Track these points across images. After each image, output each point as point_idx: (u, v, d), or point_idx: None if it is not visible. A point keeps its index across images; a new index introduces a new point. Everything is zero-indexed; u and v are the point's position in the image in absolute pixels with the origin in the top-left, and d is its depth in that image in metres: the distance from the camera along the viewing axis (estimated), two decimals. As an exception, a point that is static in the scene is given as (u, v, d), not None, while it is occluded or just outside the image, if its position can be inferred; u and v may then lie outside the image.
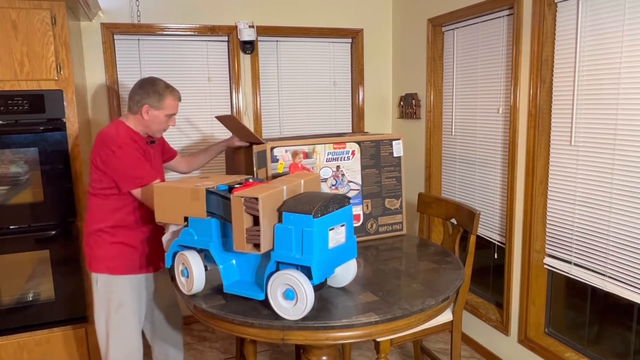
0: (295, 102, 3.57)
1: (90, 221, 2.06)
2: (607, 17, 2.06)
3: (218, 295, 1.65)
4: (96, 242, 2.05)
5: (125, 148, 1.93)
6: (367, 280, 1.77)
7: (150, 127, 2.06)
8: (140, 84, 2.03)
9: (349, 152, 2.24)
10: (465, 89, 2.99)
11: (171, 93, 2.04)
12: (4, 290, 2.48)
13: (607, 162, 2.12)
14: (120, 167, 1.93)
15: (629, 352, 2.19)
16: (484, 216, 2.89)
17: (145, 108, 2.01)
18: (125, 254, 2.05)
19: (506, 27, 2.61)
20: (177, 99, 2.08)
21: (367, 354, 2.92)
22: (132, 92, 2.04)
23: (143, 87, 2.02)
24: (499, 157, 2.74)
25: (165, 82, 2.06)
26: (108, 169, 1.95)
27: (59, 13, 2.38)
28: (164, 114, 2.04)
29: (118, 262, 2.05)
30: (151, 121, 2.04)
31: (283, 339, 1.47)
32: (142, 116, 2.02)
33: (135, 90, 2.03)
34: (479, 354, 2.93)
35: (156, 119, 2.04)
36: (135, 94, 2.02)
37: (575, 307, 2.46)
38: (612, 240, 2.13)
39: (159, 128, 2.08)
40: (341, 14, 3.52)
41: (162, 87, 2.02)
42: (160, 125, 2.07)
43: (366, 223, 2.29)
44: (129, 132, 2.03)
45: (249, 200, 1.44)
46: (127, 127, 2.04)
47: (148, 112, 2.02)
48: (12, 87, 2.36)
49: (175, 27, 3.13)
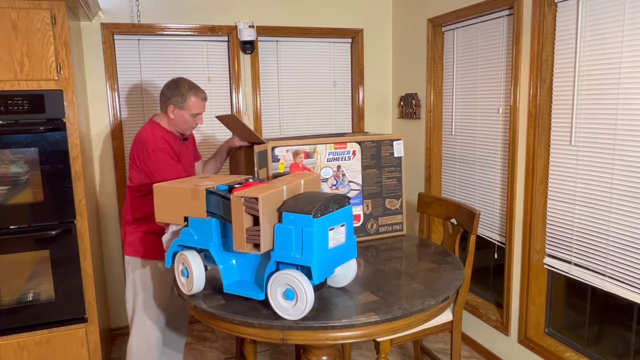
0: (295, 102, 3.56)
1: (128, 212, 2.25)
2: (607, 17, 2.06)
3: (218, 295, 1.65)
4: (132, 230, 2.24)
5: (158, 151, 2.09)
6: (367, 280, 1.77)
7: (178, 125, 2.19)
8: (167, 85, 2.16)
9: (350, 152, 2.24)
10: (465, 89, 2.99)
11: (195, 93, 2.15)
12: (4, 290, 2.48)
13: (607, 162, 2.12)
14: (156, 168, 2.09)
15: (629, 352, 2.19)
16: (484, 216, 2.89)
17: (170, 108, 2.14)
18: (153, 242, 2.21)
19: (506, 27, 2.61)
20: (202, 99, 2.17)
21: (367, 354, 2.92)
22: (161, 93, 2.18)
23: (169, 88, 2.15)
24: (499, 157, 2.74)
25: (190, 83, 2.17)
26: (146, 169, 2.11)
27: (59, 13, 2.37)
28: (188, 114, 2.15)
29: (146, 247, 2.22)
30: (178, 120, 2.17)
31: (283, 339, 1.47)
32: (169, 115, 2.16)
33: (162, 91, 2.17)
34: (479, 354, 2.93)
35: (182, 119, 2.16)
36: (163, 95, 2.16)
37: (575, 307, 2.46)
38: (612, 240, 2.13)
39: (186, 127, 2.20)
40: (341, 14, 3.52)
41: (185, 88, 2.14)
42: (187, 124, 2.19)
43: (366, 223, 2.29)
44: (163, 132, 2.17)
45: (249, 200, 1.44)
46: (161, 128, 2.18)
47: (174, 112, 2.15)
48: (12, 87, 2.36)
49: (175, 27, 3.13)
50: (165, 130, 2.20)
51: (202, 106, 2.19)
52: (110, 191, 3.14)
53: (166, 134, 2.19)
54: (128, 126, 3.16)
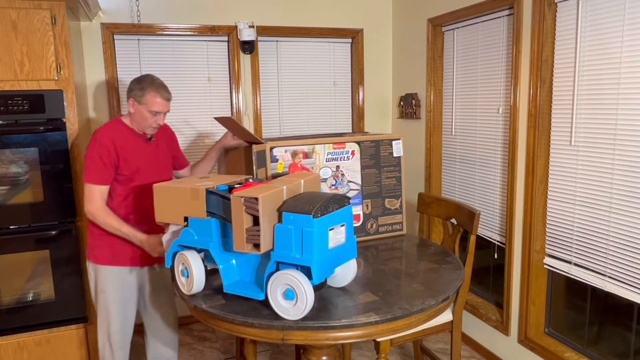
0: (295, 102, 3.56)
1: None
2: (607, 17, 2.06)
3: (218, 295, 1.65)
4: (91, 232, 2.13)
5: (94, 144, 2.00)
6: (367, 280, 1.77)
7: (139, 122, 2.07)
8: (133, 80, 2.09)
9: (349, 152, 2.24)
10: (465, 89, 2.99)
11: (155, 90, 2.02)
12: (4, 290, 2.48)
13: (607, 162, 2.12)
14: (85, 159, 2.02)
15: (629, 352, 2.19)
16: (484, 216, 2.89)
17: (130, 101, 2.05)
18: (109, 245, 2.09)
19: (506, 27, 2.61)
20: (163, 98, 2.04)
21: (367, 354, 2.92)
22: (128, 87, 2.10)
23: (134, 82, 2.07)
24: (499, 157, 2.74)
25: (154, 79, 2.06)
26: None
27: (59, 13, 2.37)
28: (147, 110, 2.03)
29: (102, 252, 2.10)
30: (137, 116, 2.06)
31: (283, 339, 1.47)
32: (130, 109, 2.06)
33: (129, 85, 2.09)
34: (479, 354, 2.93)
35: (141, 115, 2.04)
36: (128, 89, 2.08)
37: (575, 307, 2.46)
38: (612, 240, 2.13)
39: (145, 124, 2.06)
40: (341, 14, 3.52)
41: (147, 83, 2.03)
42: (144, 120, 2.05)
43: (366, 223, 2.29)
44: (119, 128, 2.07)
45: (248, 200, 1.44)
46: (120, 123, 2.09)
47: (133, 106, 2.05)
48: (12, 87, 2.36)
49: (175, 27, 3.13)
50: (124, 126, 2.08)
51: (163, 105, 2.04)
52: (110, 191, 3.14)
53: (120, 131, 2.06)
54: (128, 126, 3.16)
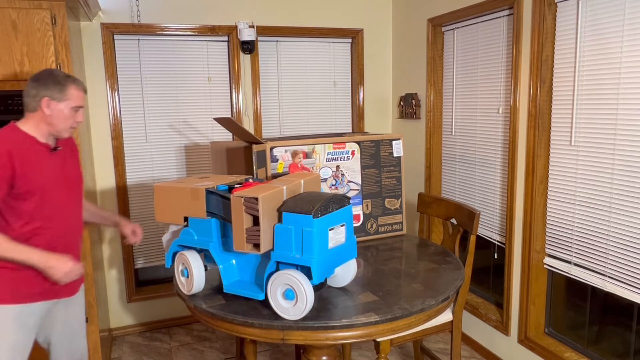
0: (295, 102, 3.56)
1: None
2: (607, 17, 2.06)
3: (218, 295, 1.65)
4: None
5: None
6: (367, 280, 1.77)
7: (55, 124, 1.75)
8: (35, 77, 1.74)
9: (349, 152, 2.24)
10: (465, 89, 2.99)
11: (74, 82, 1.78)
12: (3, 290, 2.47)
13: (607, 162, 2.12)
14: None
15: (629, 352, 2.19)
16: (484, 216, 2.89)
17: (44, 101, 1.72)
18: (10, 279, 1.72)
19: (506, 27, 2.61)
20: (82, 89, 1.81)
21: (367, 354, 2.92)
22: (27, 87, 1.74)
23: (39, 79, 1.73)
24: (499, 157, 2.74)
25: (64, 73, 1.80)
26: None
27: (59, 13, 2.37)
28: (68, 107, 1.75)
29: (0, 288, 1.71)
30: (55, 117, 1.74)
31: (283, 339, 1.47)
32: (44, 111, 1.73)
33: (30, 84, 1.73)
34: (479, 354, 2.93)
35: (60, 114, 1.74)
36: (31, 88, 1.73)
37: (575, 307, 2.46)
38: (612, 240, 2.13)
39: (64, 125, 1.77)
40: (341, 14, 3.52)
41: (62, 77, 1.76)
42: (66, 120, 1.76)
43: (366, 223, 2.29)
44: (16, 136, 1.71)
45: (248, 200, 1.44)
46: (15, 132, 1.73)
47: (49, 106, 1.72)
48: (12, 87, 2.36)
49: (175, 27, 3.13)
50: (23, 133, 1.72)
51: (83, 98, 1.81)
52: (110, 191, 3.14)
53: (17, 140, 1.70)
54: (128, 126, 3.16)
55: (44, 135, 1.77)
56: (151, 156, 3.24)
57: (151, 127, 3.22)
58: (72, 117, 1.78)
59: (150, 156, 3.24)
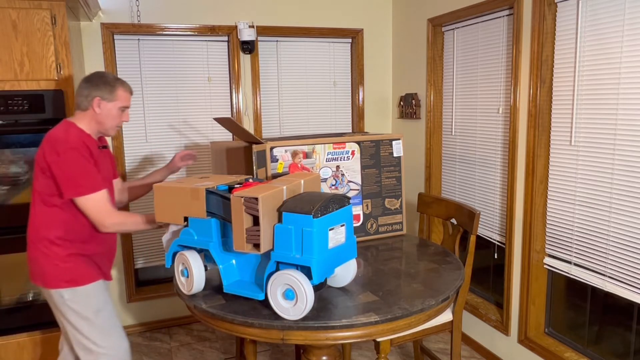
0: (295, 102, 3.57)
1: (36, 230, 1.89)
2: (607, 17, 2.06)
3: (218, 295, 1.65)
4: (46, 255, 1.88)
5: (72, 152, 1.80)
6: (367, 280, 1.77)
7: (104, 122, 1.93)
8: (87, 78, 1.92)
9: (349, 152, 2.24)
10: (465, 89, 2.99)
11: (122, 84, 1.95)
12: (4, 290, 2.48)
13: (607, 162, 2.12)
14: (66, 172, 1.79)
15: (629, 352, 2.19)
16: (484, 216, 2.89)
17: (96, 101, 1.89)
18: (83, 264, 1.93)
19: (506, 27, 2.61)
20: (129, 91, 1.98)
21: (367, 354, 2.92)
22: (80, 88, 1.91)
23: (91, 80, 1.91)
24: (499, 157, 2.74)
25: (113, 75, 1.98)
26: (54, 174, 1.81)
27: (59, 13, 2.37)
28: (117, 107, 1.93)
29: (79, 272, 1.91)
30: (104, 115, 1.92)
31: (283, 339, 1.47)
32: (94, 110, 1.90)
33: (82, 85, 1.91)
34: (479, 354, 2.93)
35: (109, 113, 1.92)
36: (84, 89, 1.90)
37: (575, 307, 2.46)
38: (612, 240, 2.13)
39: (112, 123, 1.95)
40: (341, 14, 3.52)
41: (112, 79, 1.93)
42: (114, 120, 1.94)
43: (366, 223, 2.29)
44: (80, 134, 1.88)
45: (248, 200, 1.44)
46: (77, 129, 1.89)
47: (100, 105, 1.90)
48: (12, 87, 2.36)
49: (175, 27, 3.13)
50: (82, 131, 1.90)
51: (130, 100, 1.98)
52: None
53: (84, 136, 1.89)
54: (128, 126, 3.16)
55: (94, 133, 1.96)
56: (151, 156, 3.24)
57: (151, 127, 3.22)
58: (119, 116, 1.96)
59: (150, 156, 3.24)
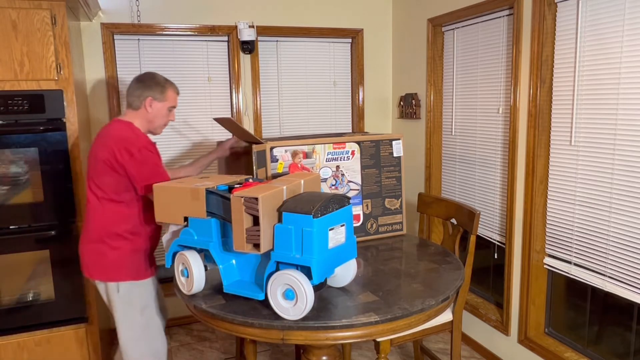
0: (295, 102, 3.56)
1: (101, 226, 1.97)
2: (607, 17, 2.06)
3: (218, 295, 1.65)
4: (114, 249, 1.97)
5: (145, 151, 1.90)
6: (367, 280, 1.77)
7: (154, 121, 2.04)
8: (140, 78, 2.03)
9: (349, 152, 2.24)
10: (465, 89, 2.99)
11: (171, 85, 2.07)
12: (4, 290, 2.48)
13: (607, 162, 2.12)
14: (143, 171, 1.88)
15: (629, 352, 2.19)
16: (484, 216, 2.89)
17: (148, 100, 1.99)
18: (141, 259, 2.03)
19: (506, 27, 2.61)
20: (177, 92, 2.10)
21: (367, 354, 2.92)
22: (131, 88, 2.02)
23: (143, 81, 2.01)
24: (499, 157, 2.74)
25: (162, 75, 2.08)
26: (128, 172, 1.89)
27: (59, 13, 2.37)
28: (166, 107, 2.04)
29: (142, 266, 2.03)
30: (155, 115, 2.02)
31: (283, 339, 1.47)
32: (146, 109, 2.00)
33: (134, 86, 2.01)
34: (479, 354, 2.93)
35: (159, 112, 2.03)
36: (136, 89, 2.01)
37: (575, 307, 2.46)
38: (612, 240, 2.13)
39: (161, 122, 2.06)
40: (341, 14, 3.52)
41: (162, 80, 2.04)
42: (163, 118, 2.06)
43: (366, 223, 2.29)
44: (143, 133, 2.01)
45: (248, 200, 1.44)
46: (137, 128, 2.00)
47: (152, 105, 2.00)
48: (12, 87, 2.36)
49: (175, 27, 3.13)
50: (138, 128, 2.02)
51: (177, 100, 2.10)
52: (110, 191, 3.13)
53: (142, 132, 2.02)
54: (128, 126, 3.16)
55: (145, 131, 2.04)
56: (151, 156, 3.24)
57: (151, 127, 3.22)
58: (167, 115, 2.06)
59: (150, 156, 3.24)
